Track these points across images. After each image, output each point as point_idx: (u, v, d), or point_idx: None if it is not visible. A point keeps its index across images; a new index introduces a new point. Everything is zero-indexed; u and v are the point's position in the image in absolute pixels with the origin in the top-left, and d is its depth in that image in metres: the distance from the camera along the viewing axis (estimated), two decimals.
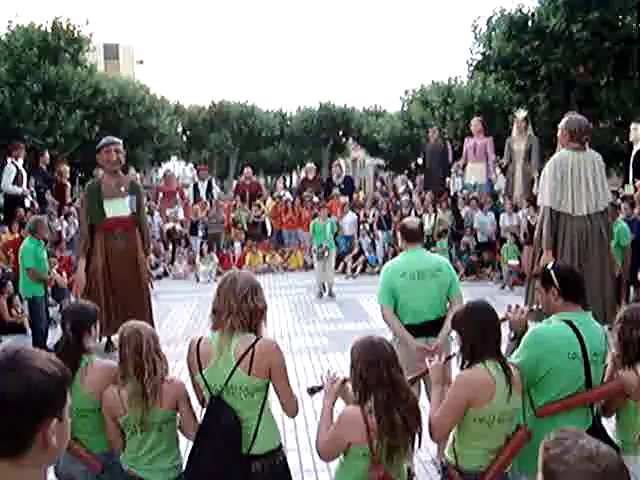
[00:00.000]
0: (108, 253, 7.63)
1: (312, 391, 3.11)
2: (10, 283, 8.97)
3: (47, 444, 1.33)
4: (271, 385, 2.94)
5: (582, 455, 1.54)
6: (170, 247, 14.32)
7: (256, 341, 2.87)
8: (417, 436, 2.79)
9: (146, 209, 14.55)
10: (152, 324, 7.57)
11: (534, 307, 3.48)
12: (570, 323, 3.09)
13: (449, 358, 3.23)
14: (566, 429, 1.70)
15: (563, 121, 6.09)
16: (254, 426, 2.87)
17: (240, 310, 2.87)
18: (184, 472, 3.02)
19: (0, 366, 1.32)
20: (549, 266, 3.30)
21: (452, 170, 14.25)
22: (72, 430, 1.64)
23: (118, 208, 7.66)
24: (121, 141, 8.15)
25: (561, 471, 1.55)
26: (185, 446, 3.32)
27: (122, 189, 7.71)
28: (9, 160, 11.63)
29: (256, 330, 2.93)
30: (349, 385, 2.90)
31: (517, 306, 3.39)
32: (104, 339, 7.54)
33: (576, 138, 5.94)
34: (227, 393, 2.85)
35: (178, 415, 3.18)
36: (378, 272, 7.60)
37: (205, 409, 2.94)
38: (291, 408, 3.00)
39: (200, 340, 2.97)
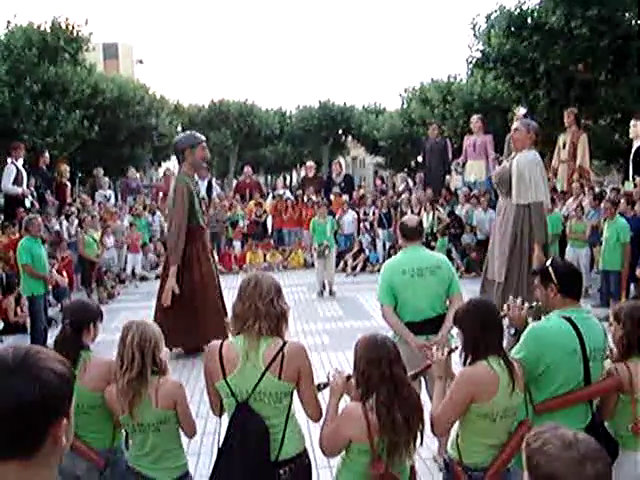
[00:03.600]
0: (209, 254, 7.39)
1: (318, 388, 3.11)
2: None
3: (57, 444, 1.31)
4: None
5: (562, 443, 1.60)
6: None
7: (284, 344, 2.81)
8: (420, 434, 2.79)
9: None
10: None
11: (534, 304, 3.49)
12: (569, 319, 3.10)
13: (451, 352, 3.24)
14: (544, 424, 1.75)
15: (525, 124, 6.33)
16: (281, 431, 2.79)
17: (268, 314, 2.79)
18: None
19: (11, 368, 1.28)
20: (547, 263, 3.31)
21: (452, 168, 14.24)
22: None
23: (202, 207, 7.48)
24: None
25: (544, 462, 1.60)
26: (187, 444, 3.33)
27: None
28: (9, 160, 11.64)
29: (280, 333, 2.86)
30: (354, 381, 2.90)
31: (516, 301, 3.40)
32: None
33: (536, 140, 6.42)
34: (254, 399, 2.76)
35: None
36: (378, 270, 7.59)
37: (230, 417, 2.82)
38: (317, 412, 2.93)
39: (222, 345, 2.85)
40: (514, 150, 6.34)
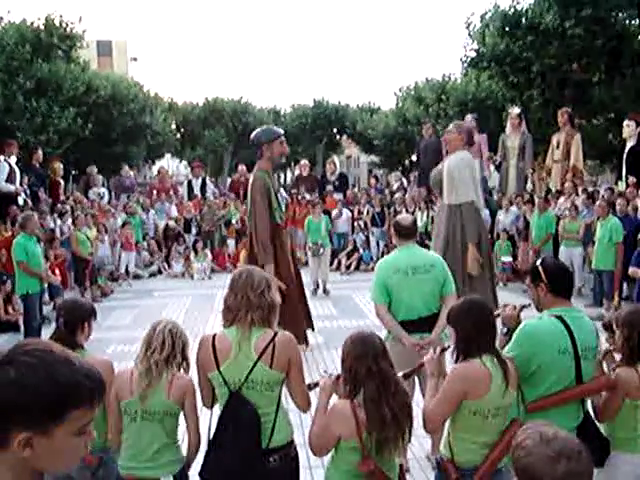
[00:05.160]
0: (288, 253, 7.28)
1: (309, 387, 3.12)
2: (9, 282, 8.95)
3: (20, 453, 1.27)
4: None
5: (539, 440, 1.64)
6: (164, 244, 14.30)
7: (275, 335, 2.89)
8: (408, 431, 2.79)
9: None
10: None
11: (526, 303, 3.50)
12: (561, 318, 3.10)
13: (444, 350, 3.24)
14: (534, 422, 1.78)
15: (457, 127, 6.45)
16: (272, 420, 2.87)
17: (260, 305, 2.88)
18: (200, 470, 2.97)
19: (57, 357, 1.32)
20: (538, 262, 3.32)
21: None
22: None
23: (281, 203, 7.34)
24: None
25: (522, 457, 1.65)
26: (183, 438, 3.32)
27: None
28: (2, 158, 11.56)
29: (270, 324, 2.94)
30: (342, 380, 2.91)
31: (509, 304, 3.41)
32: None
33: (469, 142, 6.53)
34: (247, 388, 2.84)
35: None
36: (372, 269, 7.58)
37: (223, 405, 2.90)
38: (306, 402, 3.00)
39: (214, 337, 2.93)
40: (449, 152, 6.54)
